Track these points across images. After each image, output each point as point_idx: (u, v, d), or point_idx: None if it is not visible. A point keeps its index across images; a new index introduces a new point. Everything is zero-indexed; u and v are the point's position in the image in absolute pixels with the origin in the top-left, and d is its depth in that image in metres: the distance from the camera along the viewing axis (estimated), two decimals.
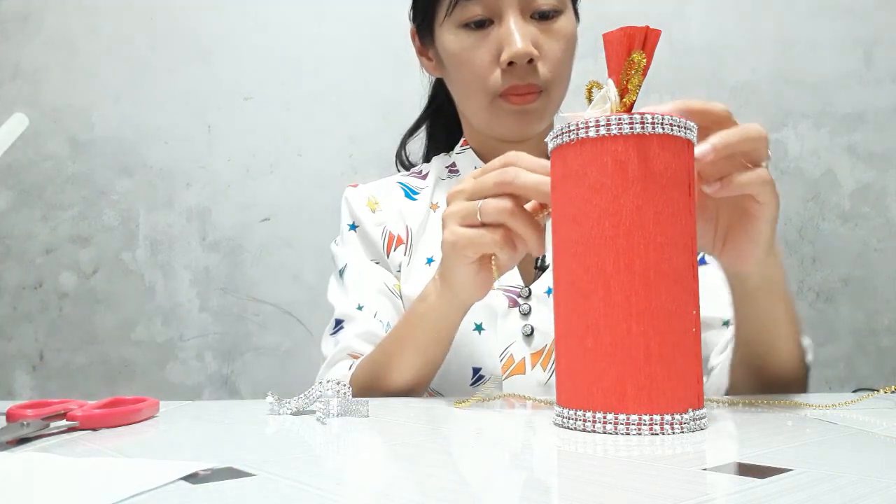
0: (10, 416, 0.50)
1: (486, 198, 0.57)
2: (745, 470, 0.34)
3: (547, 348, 0.77)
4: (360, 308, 0.81)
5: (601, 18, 1.56)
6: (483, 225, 0.57)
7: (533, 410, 0.57)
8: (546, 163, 0.54)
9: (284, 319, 1.60)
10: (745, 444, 0.42)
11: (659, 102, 0.49)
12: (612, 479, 0.33)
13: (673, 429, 0.43)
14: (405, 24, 0.89)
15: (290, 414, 0.56)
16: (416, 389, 0.69)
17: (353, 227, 0.88)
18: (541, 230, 0.56)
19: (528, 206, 0.57)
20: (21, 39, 1.66)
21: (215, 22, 1.65)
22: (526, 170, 0.56)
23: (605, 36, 0.48)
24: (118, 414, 0.51)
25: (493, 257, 0.58)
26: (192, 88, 1.64)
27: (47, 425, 0.47)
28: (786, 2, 1.61)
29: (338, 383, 0.57)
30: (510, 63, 0.75)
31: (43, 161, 1.64)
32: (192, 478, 0.33)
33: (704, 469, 0.34)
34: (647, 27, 0.47)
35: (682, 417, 0.44)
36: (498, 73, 0.76)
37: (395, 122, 1.14)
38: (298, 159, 1.63)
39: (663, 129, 0.45)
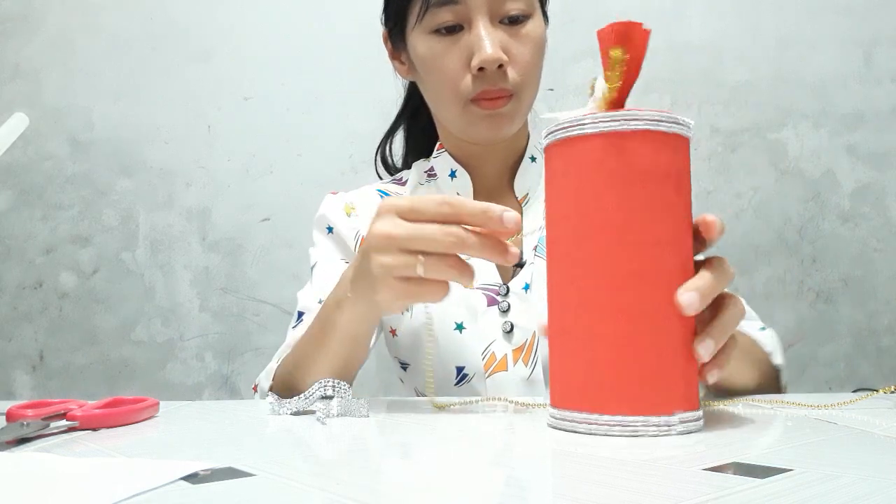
0: (10, 416, 0.50)
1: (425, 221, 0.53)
2: (745, 470, 0.34)
3: (528, 343, 0.77)
4: (320, 302, 0.80)
5: (601, 18, 1.56)
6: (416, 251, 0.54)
7: (531, 411, 0.57)
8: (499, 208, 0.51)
9: (284, 319, 1.60)
10: (745, 444, 0.42)
11: (658, 101, 0.49)
12: (611, 479, 0.33)
13: (670, 430, 0.43)
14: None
15: (290, 414, 0.56)
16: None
17: (330, 230, 0.89)
18: (470, 269, 0.53)
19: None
20: (21, 39, 1.66)
21: (215, 22, 1.65)
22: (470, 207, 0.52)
23: (598, 32, 0.48)
24: (118, 414, 0.51)
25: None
26: (192, 88, 1.64)
27: (47, 425, 0.47)
28: (786, 1, 1.60)
29: (338, 383, 0.57)
30: (481, 69, 0.75)
31: (43, 161, 1.63)
32: (192, 478, 0.33)
33: (704, 469, 0.34)
34: (631, 22, 0.46)
35: (679, 418, 0.44)
36: (469, 78, 0.77)
37: None
38: (298, 159, 1.62)
39: (646, 124, 0.44)
